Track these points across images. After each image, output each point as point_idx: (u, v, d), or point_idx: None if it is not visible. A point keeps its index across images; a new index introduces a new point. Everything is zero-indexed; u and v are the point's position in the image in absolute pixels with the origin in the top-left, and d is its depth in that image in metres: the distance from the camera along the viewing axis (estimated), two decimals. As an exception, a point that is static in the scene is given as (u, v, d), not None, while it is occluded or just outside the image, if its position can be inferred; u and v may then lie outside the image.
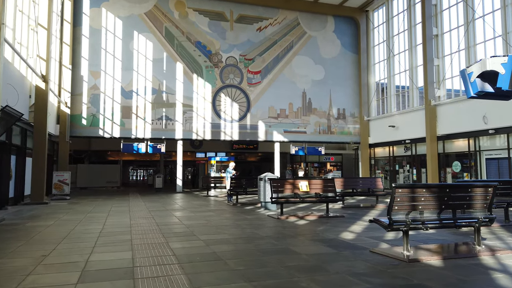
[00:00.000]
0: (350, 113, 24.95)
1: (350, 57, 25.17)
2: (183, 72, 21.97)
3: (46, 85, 14.17)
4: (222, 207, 12.53)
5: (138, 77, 21.26)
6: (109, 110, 20.66)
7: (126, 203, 14.42)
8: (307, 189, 9.67)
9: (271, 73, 23.53)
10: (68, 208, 12.44)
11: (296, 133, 23.75)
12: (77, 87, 20.25)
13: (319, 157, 33.99)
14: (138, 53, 21.36)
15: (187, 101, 21.93)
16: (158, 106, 21.50)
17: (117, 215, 10.15)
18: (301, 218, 9.27)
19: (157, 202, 14.50)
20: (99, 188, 26.97)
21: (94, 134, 20.48)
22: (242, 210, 11.45)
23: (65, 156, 19.58)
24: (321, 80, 24.43)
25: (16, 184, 13.53)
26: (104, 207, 12.72)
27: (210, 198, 17.09)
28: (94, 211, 11.39)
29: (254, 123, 22.98)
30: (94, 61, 20.59)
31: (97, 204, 13.77)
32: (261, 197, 11.31)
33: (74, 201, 15.29)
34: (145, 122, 21.18)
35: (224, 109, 22.50)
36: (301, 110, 24.00)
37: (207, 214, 10.26)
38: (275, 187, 9.46)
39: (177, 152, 22.15)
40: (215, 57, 22.61)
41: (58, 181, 16.54)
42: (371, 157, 24.91)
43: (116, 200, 16.05)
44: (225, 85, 22.64)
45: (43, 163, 13.96)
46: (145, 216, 9.95)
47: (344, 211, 11.04)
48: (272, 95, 23.39)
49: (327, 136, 24.38)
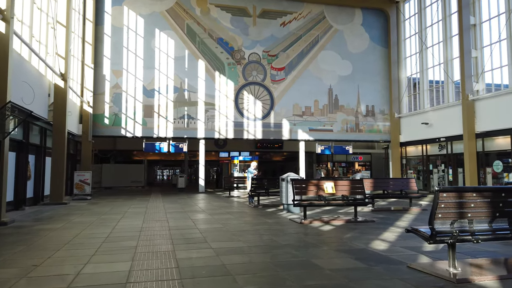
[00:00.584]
0: (379, 110, 23.71)
1: (379, 51, 23.92)
2: (205, 69, 21.47)
3: (65, 83, 13.96)
4: (242, 209, 11.84)
5: (159, 75, 20.95)
6: (131, 109, 20.44)
7: (145, 203, 14.01)
8: (333, 190, 8.82)
9: (295, 69, 22.66)
10: (85, 209, 12.11)
11: (322, 131, 22.77)
12: (100, 86, 20.14)
13: (347, 156, 32.85)
14: (160, 51, 21.04)
15: (209, 100, 21.42)
16: (180, 104, 21.10)
17: (131, 217, 9.66)
18: (326, 223, 8.44)
19: (177, 203, 13.99)
20: (124, 187, 26.97)
21: (117, 133, 20.31)
22: (262, 212, 10.72)
23: (88, 156, 19.50)
24: (348, 75, 23.33)
25: (36, 184, 13.37)
26: (122, 208, 12.32)
27: (231, 199, 16.47)
28: (110, 212, 10.98)
29: (278, 122, 22.20)
30: (116, 60, 20.42)
31: (116, 205, 13.41)
32: (283, 199, 10.53)
33: (94, 201, 15.05)
34: (167, 121, 20.84)
35: (247, 107, 21.84)
36: (327, 107, 23.00)
37: (225, 217, 9.60)
38: (298, 189, 8.67)
39: (199, 151, 21.67)
40: (238, 53, 21.98)
41: (79, 181, 16.38)
42: (403, 156, 23.57)
43: (137, 200, 15.71)
44: (248, 83, 21.98)
45: (62, 163, 13.76)
46: (159, 218, 9.40)
47: (374, 214, 10.10)
48: (297, 92, 22.53)
49: (355, 135, 23.25)
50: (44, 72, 14.04)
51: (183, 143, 21.10)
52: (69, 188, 17.21)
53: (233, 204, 13.52)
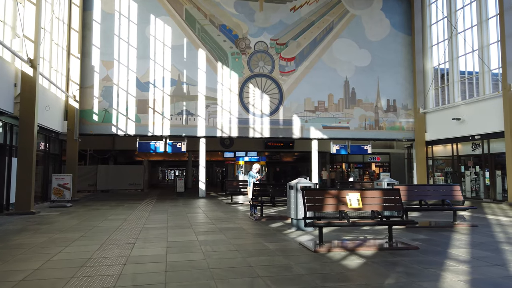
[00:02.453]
0: (402, 104, 21.10)
1: (401, 39, 21.31)
2: (205, 60, 19.20)
3: (35, 71, 11.81)
4: (241, 223, 9.49)
5: (155, 66, 18.74)
6: (123, 104, 18.28)
7: (129, 212, 11.78)
8: (359, 204, 6.41)
9: (307, 59, 20.22)
10: (51, 221, 9.92)
11: (338, 128, 20.28)
12: (87, 78, 18.02)
13: (363, 157, 30.31)
14: (155, 39, 18.84)
15: (210, 93, 19.14)
16: (177, 99, 18.86)
17: (91, 237, 7.40)
18: (351, 251, 6.03)
19: (165, 213, 11.71)
20: (122, 190, 24.90)
21: (107, 131, 18.16)
22: (265, 230, 8.35)
23: (73, 157, 17.40)
24: (366, 66, 20.78)
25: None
26: (96, 220, 10.10)
27: (233, 207, 14.14)
28: (74, 228, 8.76)
29: (287, 118, 19.79)
30: (106, 50, 18.29)
31: (93, 215, 11.21)
32: (292, 212, 8.15)
33: (72, 210, 12.89)
34: (164, 118, 18.62)
35: (252, 102, 19.49)
36: (343, 102, 20.50)
37: (214, 239, 7.26)
38: (311, 202, 6.29)
39: (199, 151, 19.40)
40: (242, 42, 19.65)
41: (57, 185, 14.25)
42: (428, 156, 20.91)
43: (123, 208, 13.50)
44: (254, 74, 19.62)
45: (30, 164, 11.61)
46: (126, 240, 7.11)
47: (412, 234, 7.65)
48: (309, 85, 20.09)
49: (374, 132, 20.70)
50: (11, 59, 11.93)
51: (181, 142, 18.86)
52: (50, 193, 15.11)
53: (232, 216, 11.17)
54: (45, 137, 15.72)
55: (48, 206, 13.90)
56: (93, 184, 24.43)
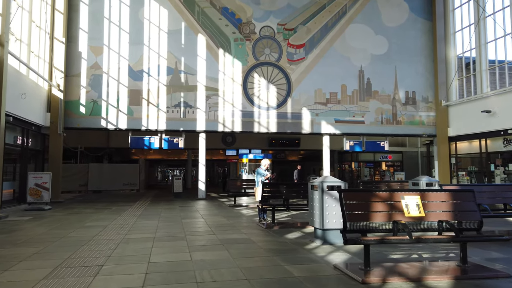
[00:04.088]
0: (422, 97, 19.15)
1: (421, 24, 19.37)
2: (206, 46, 17.29)
3: (2, 48, 9.92)
4: (249, 232, 7.57)
5: (149, 53, 16.84)
6: (113, 95, 16.38)
7: (113, 218, 9.88)
8: (419, 212, 4.49)
9: (317, 46, 18.29)
10: (9, 230, 8.03)
11: (351, 123, 18.34)
12: (74, 66, 16.13)
13: (374, 155, 28.30)
14: (150, 23, 16.94)
15: (211, 83, 17.23)
16: (174, 89, 16.96)
17: (46, 256, 5.51)
18: (417, 281, 4.09)
19: (155, 219, 9.81)
20: (116, 191, 23.00)
21: (95, 125, 16.25)
22: (281, 243, 6.43)
23: (57, 153, 15.50)
24: (383, 54, 18.85)
25: (-46, 190, 9.37)
26: (68, 228, 8.19)
27: (236, 210, 12.22)
28: (33, 240, 6.87)
29: (296, 111, 17.87)
30: (95, 34, 16.39)
31: (69, 221, 9.31)
32: (316, 220, 6.22)
33: (49, 214, 10.99)
34: (159, 110, 16.71)
35: (258, 93, 17.57)
36: (358, 93, 18.56)
37: (214, 258, 5.34)
38: (351, 208, 4.37)
39: (199, 148, 17.48)
40: (247, 27, 17.74)
41: (34, 185, 12.36)
42: (452, 154, 18.94)
43: (109, 211, 11.60)
44: (259, 63, 17.70)
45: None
46: (93, 260, 5.21)
47: (480, 251, 5.72)
48: (320, 74, 18.16)
49: (391, 127, 18.75)
50: (-26, 33, 10.06)
51: (178, 138, 16.96)
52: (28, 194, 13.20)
53: (236, 222, 9.25)
54: (23, 130, 13.83)
55: (23, 209, 12.01)
56: (84, 184, 22.53)
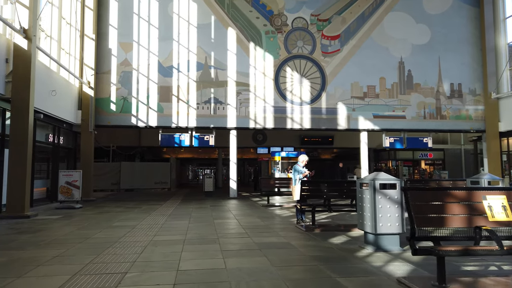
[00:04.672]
0: (468, 89, 17.71)
1: (467, 11, 17.93)
2: (236, 40, 16.69)
3: (30, 43, 9.69)
4: (287, 235, 6.84)
5: (179, 48, 16.43)
6: (143, 92, 16.09)
7: (143, 217, 9.43)
8: (507, 215, 3.61)
9: (354, 37, 17.28)
10: (36, 230, 7.69)
11: (391, 118, 17.20)
12: (104, 63, 15.96)
13: (413, 152, 26.80)
14: (179, 18, 16.53)
15: (241, 78, 16.62)
16: (204, 85, 16.47)
17: (67, 260, 5.02)
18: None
19: (186, 218, 9.26)
20: (147, 190, 22.89)
21: (125, 122, 16.02)
22: (326, 248, 5.65)
23: (88, 151, 15.35)
24: (425, 44, 17.57)
25: (-16, 188, 9.21)
26: (95, 229, 7.78)
27: (270, 210, 11.51)
28: (58, 241, 6.46)
29: (331, 106, 16.94)
30: (124, 30, 16.16)
31: (97, 221, 8.94)
32: (368, 223, 5.39)
33: (78, 213, 10.72)
34: (189, 107, 16.28)
35: (290, 88, 16.79)
36: (398, 86, 17.39)
37: (252, 266, 4.66)
38: (420, 211, 3.55)
39: (230, 145, 16.91)
40: (278, 19, 16.99)
41: (65, 183, 12.16)
42: (503, 150, 17.40)
43: (139, 210, 11.21)
44: (291, 56, 16.91)
45: (25, 157, 9.48)
46: (116, 266, 4.66)
47: None
48: (356, 67, 17.14)
49: (435, 123, 17.44)
50: (3, 29, 9.89)
51: (209, 135, 16.46)
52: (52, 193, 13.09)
53: (272, 223, 8.54)
54: (55, 128, 13.75)
55: (54, 208, 11.84)
56: (116, 183, 22.54)
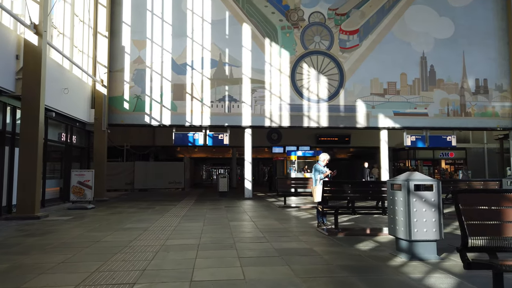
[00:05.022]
0: (495, 85, 16.87)
1: (492, 3, 17.10)
2: (251, 36, 16.24)
3: (40, 39, 9.42)
4: (309, 240, 6.34)
5: (193, 45, 16.07)
6: (157, 90, 15.79)
7: (156, 218, 9.06)
8: None
9: (373, 32, 16.64)
10: (44, 232, 7.38)
11: (413, 115, 16.50)
12: (117, 61, 15.71)
13: (433, 152, 25.93)
14: (193, 14, 16.17)
15: (257, 76, 16.16)
16: (219, 83, 16.08)
17: (71, 268, 4.64)
18: None
19: (201, 220, 8.85)
20: (161, 189, 22.66)
21: (139, 121, 15.75)
22: (353, 256, 5.14)
23: (101, 150, 15.12)
24: (449, 38, 16.81)
25: (-6, 188, 8.98)
26: (105, 231, 7.43)
27: (287, 211, 11.01)
28: (65, 245, 6.11)
29: (350, 103, 16.34)
30: (138, 27, 15.89)
31: (109, 222, 8.60)
32: (399, 228, 4.86)
33: (90, 213, 10.44)
34: (203, 105, 15.91)
35: (307, 85, 16.26)
36: (420, 82, 16.67)
37: (274, 277, 4.18)
38: (471, 217, 3.02)
39: (244, 144, 16.47)
40: (294, 13, 16.47)
41: (77, 182, 11.89)
42: (532, 150, 16.54)
43: (152, 211, 10.87)
44: (308, 52, 16.38)
45: (35, 156, 9.21)
46: (123, 275, 4.25)
47: None
48: (376, 62, 16.50)
49: (459, 120, 16.66)
50: (13, 25, 9.66)
51: (223, 134, 16.05)
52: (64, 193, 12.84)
53: (291, 226, 8.05)
54: (67, 127, 13.54)
55: (66, 208, 11.59)
56: (130, 183, 22.37)
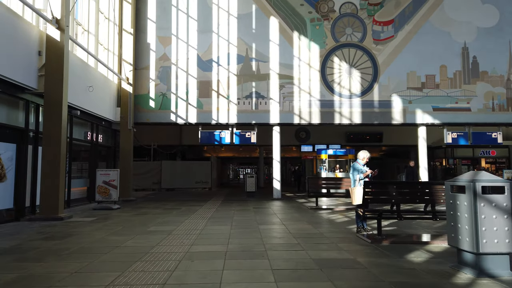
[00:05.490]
0: (546, 76, 15.46)
1: (543, -13, 15.66)
2: (279, 30, 15.57)
3: (62, 34, 9.13)
4: (350, 248, 5.62)
5: (219, 41, 15.57)
6: (182, 88, 15.39)
7: (181, 220, 8.57)
8: None
9: (409, 22, 15.59)
10: (65, 235, 7.02)
11: (454, 110, 15.33)
12: (143, 58, 15.43)
13: (473, 150, 24.39)
14: (219, 8, 15.67)
15: (285, 71, 15.48)
16: (245, 79, 15.50)
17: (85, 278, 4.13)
18: None
19: (228, 223, 8.28)
20: (188, 189, 22.39)
21: (165, 119, 15.40)
22: (405, 270, 4.40)
23: (127, 149, 14.88)
24: (493, 27, 15.53)
25: (17, 188, 8.73)
26: (128, 234, 6.99)
27: (319, 214, 10.28)
28: (83, 250, 5.68)
29: (384, 99, 15.38)
30: (163, 24, 15.55)
31: (132, 224, 8.19)
32: (463, 238, 4.09)
33: (115, 214, 10.10)
34: (229, 102, 15.38)
35: (338, 80, 15.42)
36: (461, 75, 15.48)
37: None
38: None
39: (272, 143, 15.82)
40: (324, 5, 15.67)
41: (102, 182, 11.62)
42: None
43: (179, 212, 10.43)
44: (339, 45, 15.53)
45: (58, 155, 8.93)
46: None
47: None
48: (413, 54, 15.45)
49: (506, 115, 15.35)
50: (33, 19, 9.42)
51: (250, 132, 15.46)
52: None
53: (327, 231, 7.34)
54: (93, 126, 13.33)
55: (92, 208, 11.33)
56: (157, 182, 22.21)
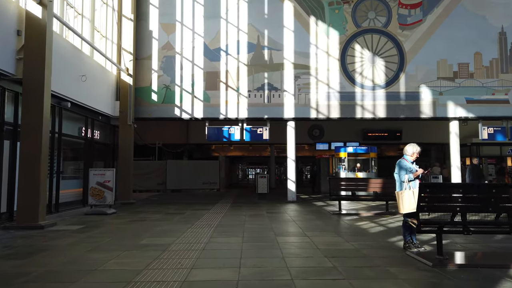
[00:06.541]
0: None
1: None
2: (293, 15, 14.08)
3: (44, 10, 7.77)
4: (407, 276, 4.13)
5: (227, 27, 14.14)
6: (188, 79, 13.99)
7: (183, 230, 7.15)
8: None
9: (439, 4, 13.98)
10: (34, 251, 5.64)
11: (490, 103, 13.68)
12: (144, 47, 14.06)
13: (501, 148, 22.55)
14: (227, -9, 14.25)
15: (300, 60, 13.97)
16: (257, 69, 14.04)
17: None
18: None
19: (239, 233, 6.81)
20: (195, 190, 20.99)
21: (168, 114, 14.00)
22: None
23: (127, 146, 13.51)
24: (534, 9, 13.86)
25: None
26: (113, 250, 5.59)
27: (346, 220, 8.76)
28: (46, 274, 4.27)
29: (411, 90, 13.79)
30: (166, 9, 14.16)
31: (122, 236, 6.80)
32: None
33: (107, 221, 8.72)
34: (239, 95, 13.94)
35: (360, 70, 13.88)
36: (498, 63, 13.82)
37: None
38: None
39: (287, 139, 14.33)
40: (344, -14, 14.14)
41: (96, 183, 10.25)
42: None
43: (181, 218, 9.03)
44: (361, 30, 13.99)
45: (39, 153, 7.56)
46: None
47: None
48: (444, 41, 13.83)
49: (550, 107, 13.67)
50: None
51: (262, 127, 13.99)
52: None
53: (364, 246, 5.82)
54: (88, 120, 11.98)
55: (84, 213, 9.96)
56: (162, 183, 20.82)
